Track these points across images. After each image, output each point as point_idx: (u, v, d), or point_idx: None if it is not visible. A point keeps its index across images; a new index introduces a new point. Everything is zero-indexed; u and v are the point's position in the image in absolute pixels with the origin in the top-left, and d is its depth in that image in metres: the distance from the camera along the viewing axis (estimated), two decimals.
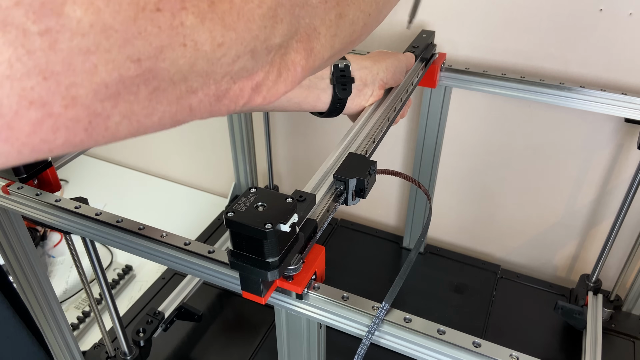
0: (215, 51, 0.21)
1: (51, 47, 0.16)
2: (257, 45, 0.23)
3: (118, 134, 0.20)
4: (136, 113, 0.20)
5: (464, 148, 0.95)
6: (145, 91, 0.20)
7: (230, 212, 0.34)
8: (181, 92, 0.21)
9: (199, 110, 0.23)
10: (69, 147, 0.19)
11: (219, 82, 0.23)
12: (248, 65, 0.24)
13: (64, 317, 0.71)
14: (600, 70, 0.78)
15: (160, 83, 0.20)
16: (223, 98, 0.24)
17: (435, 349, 0.38)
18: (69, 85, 0.17)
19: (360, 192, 0.46)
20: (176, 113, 0.22)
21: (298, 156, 1.14)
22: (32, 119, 0.17)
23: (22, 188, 0.55)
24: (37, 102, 0.17)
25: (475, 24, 0.82)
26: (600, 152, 0.85)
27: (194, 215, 1.18)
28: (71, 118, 0.18)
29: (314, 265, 0.40)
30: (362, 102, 0.61)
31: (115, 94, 0.19)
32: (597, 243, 0.93)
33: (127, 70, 0.19)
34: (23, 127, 0.17)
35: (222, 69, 0.22)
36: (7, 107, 0.16)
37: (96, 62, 0.18)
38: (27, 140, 0.18)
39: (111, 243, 0.51)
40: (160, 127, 0.22)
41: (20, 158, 0.18)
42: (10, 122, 0.17)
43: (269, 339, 0.86)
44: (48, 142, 0.18)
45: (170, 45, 0.19)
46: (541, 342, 0.86)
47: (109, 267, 1.03)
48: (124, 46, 0.18)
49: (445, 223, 1.05)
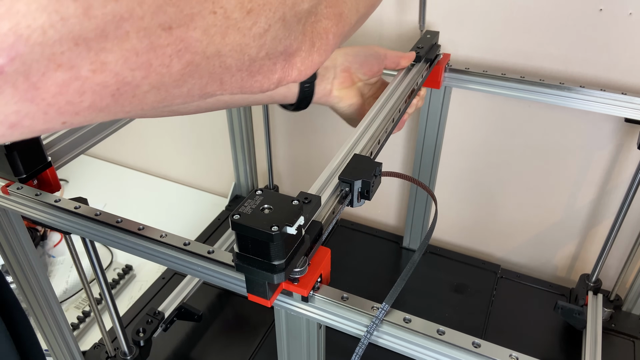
0: (245, 19, 0.21)
1: (85, 13, 0.16)
2: (286, 11, 0.23)
3: (145, 102, 0.20)
4: (166, 84, 0.20)
5: (464, 148, 0.95)
6: (178, 64, 0.20)
7: (237, 214, 0.33)
8: (214, 67, 0.21)
9: (230, 84, 0.23)
10: (95, 110, 0.19)
11: (253, 57, 0.22)
12: (280, 34, 0.23)
13: (64, 317, 0.71)
14: (600, 70, 0.78)
15: (193, 57, 0.20)
16: (256, 74, 0.24)
17: (434, 349, 0.38)
18: (99, 51, 0.17)
19: (366, 193, 0.46)
20: (206, 85, 0.22)
21: (298, 156, 1.14)
22: (59, 80, 0.17)
23: (22, 188, 0.55)
24: (65, 65, 0.17)
25: (475, 23, 0.82)
26: (600, 152, 0.85)
27: (194, 215, 1.18)
28: (99, 83, 0.18)
29: (319, 267, 0.40)
30: (327, 86, 0.62)
31: (147, 64, 0.19)
32: (597, 243, 0.93)
33: (158, 38, 0.18)
34: (49, 88, 0.17)
35: (256, 41, 0.22)
36: (35, 69, 0.16)
37: (129, 29, 0.17)
38: (53, 101, 0.18)
39: (111, 243, 0.51)
40: (188, 97, 0.22)
41: (47, 120, 0.18)
42: (37, 82, 0.17)
43: (268, 339, 0.86)
44: (74, 104, 0.18)
45: (201, 13, 0.19)
46: (541, 342, 0.86)
47: (109, 267, 1.03)
48: (157, 13, 0.18)
49: (445, 223, 1.05)
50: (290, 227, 0.33)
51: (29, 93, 0.17)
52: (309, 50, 0.26)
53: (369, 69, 0.65)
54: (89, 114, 0.19)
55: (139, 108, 0.21)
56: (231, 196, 1.17)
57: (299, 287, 0.39)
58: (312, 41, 0.26)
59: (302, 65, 0.26)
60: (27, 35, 0.15)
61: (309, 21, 0.25)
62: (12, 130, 0.18)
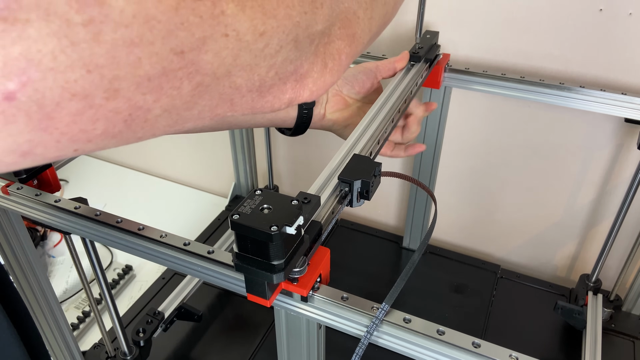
0: (257, 41, 0.20)
1: (95, 38, 0.16)
2: (299, 33, 0.23)
3: (157, 127, 0.20)
4: (177, 107, 0.20)
5: (464, 148, 0.95)
6: (188, 86, 0.19)
7: (236, 214, 0.33)
8: (224, 88, 0.21)
9: (240, 105, 0.23)
10: (107, 137, 0.19)
11: (262, 77, 0.22)
12: (291, 55, 0.23)
13: (64, 317, 0.71)
14: (600, 70, 0.78)
15: (203, 78, 0.20)
16: (266, 94, 0.23)
17: (434, 349, 0.38)
18: (112, 79, 0.17)
19: (365, 193, 0.46)
20: (216, 107, 0.22)
21: (298, 156, 1.14)
22: (73, 110, 0.17)
23: (22, 188, 0.55)
24: (80, 94, 0.17)
25: (475, 23, 0.82)
26: (600, 152, 0.85)
27: (194, 215, 1.18)
28: (111, 109, 0.18)
29: (319, 267, 0.40)
30: (321, 110, 0.63)
31: (158, 87, 0.18)
32: (597, 243, 0.93)
33: (170, 63, 0.18)
34: (63, 118, 0.17)
35: (266, 62, 0.22)
36: (49, 99, 0.16)
37: (140, 54, 0.17)
38: (66, 130, 0.17)
39: (111, 243, 0.51)
40: (198, 120, 0.22)
41: (59, 148, 0.18)
42: (51, 112, 0.16)
43: (268, 339, 0.86)
44: (87, 132, 0.18)
45: (213, 36, 0.19)
46: (541, 342, 0.86)
47: (109, 267, 1.03)
48: (167, 38, 0.17)
49: (445, 223, 1.05)
50: (290, 227, 0.33)
51: (43, 123, 0.17)
52: (321, 71, 0.26)
53: (360, 87, 0.65)
54: (101, 141, 0.19)
55: (150, 133, 0.21)
56: (231, 196, 1.17)
57: (299, 287, 0.39)
58: (324, 62, 0.26)
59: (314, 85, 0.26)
60: (38, 60, 0.15)
61: (322, 42, 0.25)
62: (23, 158, 0.18)
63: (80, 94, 0.17)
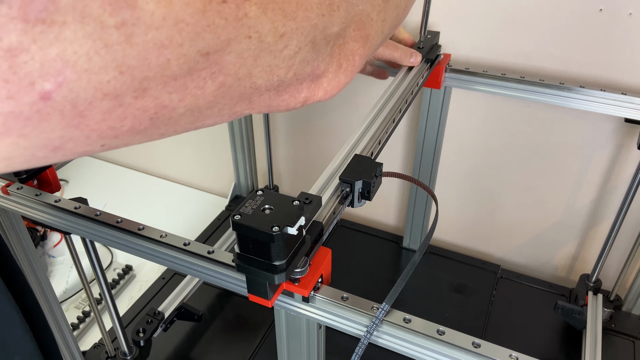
0: (277, 42, 0.21)
1: (127, 40, 0.16)
2: (317, 34, 0.23)
3: (179, 124, 0.21)
4: (200, 106, 0.21)
5: (464, 148, 0.95)
6: (211, 86, 0.20)
7: (237, 214, 0.33)
8: (245, 87, 0.22)
9: (258, 103, 0.23)
10: (133, 133, 0.20)
11: (281, 77, 0.23)
12: (309, 56, 0.24)
13: (64, 317, 0.71)
14: (600, 70, 0.78)
15: (226, 78, 0.20)
16: (283, 93, 0.24)
17: (434, 349, 0.38)
18: (142, 79, 0.18)
19: (367, 194, 0.46)
20: (236, 105, 0.22)
21: (298, 156, 1.14)
22: (104, 108, 0.17)
23: (22, 188, 0.55)
24: (111, 94, 0.17)
25: (475, 23, 0.82)
26: (600, 152, 0.85)
27: (194, 215, 1.18)
28: (139, 108, 0.18)
29: (320, 267, 0.40)
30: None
31: (183, 87, 0.19)
32: (597, 243, 0.93)
33: (196, 63, 0.19)
34: (94, 116, 0.17)
35: (285, 63, 0.22)
36: (82, 98, 0.17)
37: (169, 56, 0.18)
38: (96, 127, 0.18)
39: (111, 243, 0.51)
40: (218, 117, 0.23)
41: (88, 143, 0.19)
42: (83, 111, 0.17)
43: (268, 339, 0.86)
44: (115, 128, 0.19)
45: (237, 38, 0.19)
46: (541, 342, 0.86)
47: (109, 267, 1.03)
48: (195, 39, 0.18)
49: (445, 223, 1.05)
50: (291, 228, 0.33)
51: (75, 120, 0.17)
52: (336, 71, 0.26)
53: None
54: (127, 137, 0.20)
55: (172, 130, 0.21)
56: (231, 196, 1.17)
57: (300, 287, 0.39)
58: (339, 62, 0.26)
59: (328, 85, 0.26)
60: (74, 62, 0.16)
61: (337, 43, 0.26)
62: (54, 153, 0.18)
63: (112, 93, 0.17)
